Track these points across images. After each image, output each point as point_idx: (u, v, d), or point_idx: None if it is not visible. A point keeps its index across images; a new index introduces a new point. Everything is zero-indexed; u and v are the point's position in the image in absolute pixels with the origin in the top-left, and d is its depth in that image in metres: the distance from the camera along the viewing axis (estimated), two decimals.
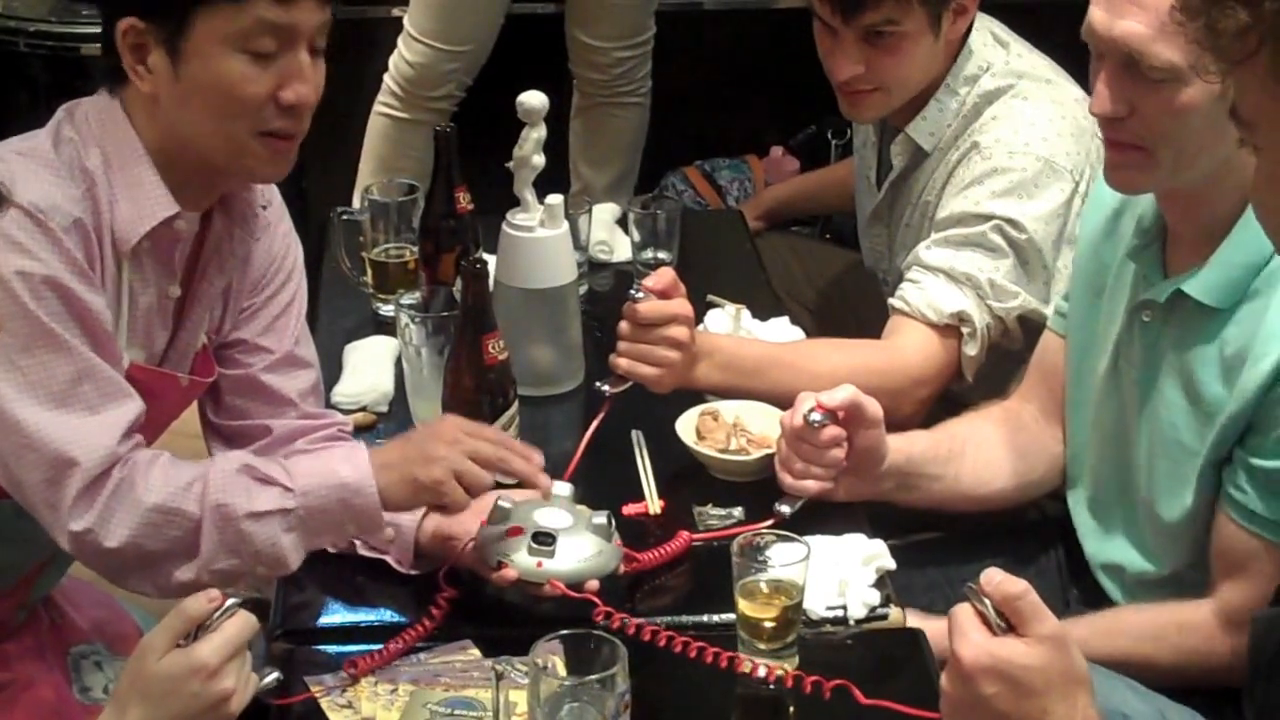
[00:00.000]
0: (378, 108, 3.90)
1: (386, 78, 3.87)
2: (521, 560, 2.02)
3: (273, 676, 1.82)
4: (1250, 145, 1.37)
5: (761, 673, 1.91)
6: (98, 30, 2.04)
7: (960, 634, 1.54)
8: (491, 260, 2.47)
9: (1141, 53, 1.95)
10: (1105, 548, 2.27)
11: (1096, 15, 2.01)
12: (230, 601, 1.70)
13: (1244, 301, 2.01)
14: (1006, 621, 1.53)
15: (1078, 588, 2.37)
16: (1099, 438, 2.26)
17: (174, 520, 1.95)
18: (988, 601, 1.53)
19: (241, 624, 1.71)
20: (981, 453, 2.37)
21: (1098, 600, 2.28)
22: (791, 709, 1.92)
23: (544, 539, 2.02)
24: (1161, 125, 1.98)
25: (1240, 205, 2.00)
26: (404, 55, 3.83)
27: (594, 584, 2.02)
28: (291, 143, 2.02)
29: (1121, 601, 2.25)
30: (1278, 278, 1.98)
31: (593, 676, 1.75)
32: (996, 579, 1.54)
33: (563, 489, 2.11)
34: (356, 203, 3.60)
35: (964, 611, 1.55)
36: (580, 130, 3.98)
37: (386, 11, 4.14)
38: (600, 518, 2.07)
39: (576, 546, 2.03)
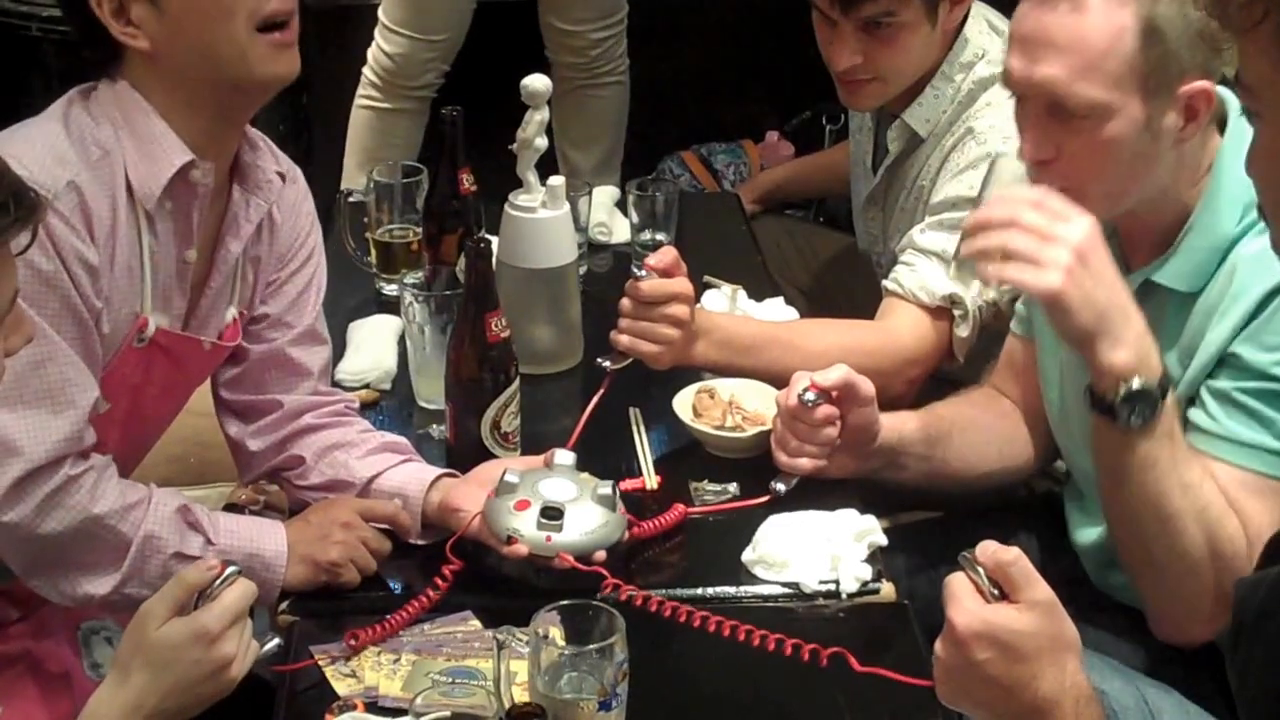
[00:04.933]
0: (359, 101, 3.90)
1: (366, 70, 3.87)
2: (531, 535, 2.05)
3: (274, 643, 1.85)
4: (1252, 114, 1.40)
5: (760, 644, 1.96)
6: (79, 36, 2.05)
7: (954, 601, 1.57)
8: (494, 241, 2.50)
9: (1065, 95, 1.98)
10: (1088, 533, 2.28)
11: (1014, 63, 2.04)
12: (230, 569, 1.73)
13: (1211, 280, 2.03)
14: (1000, 590, 1.56)
15: (1056, 566, 2.39)
16: (1072, 431, 2.28)
17: (107, 538, 2.00)
18: (981, 570, 1.57)
19: (242, 591, 1.74)
20: (967, 436, 2.39)
21: (1075, 580, 2.30)
22: (789, 677, 1.95)
23: (552, 513, 2.05)
24: (1090, 164, 2.01)
25: (1186, 203, 2.04)
26: (382, 47, 3.83)
27: (601, 554, 2.06)
28: (289, 34, 2.02)
29: (1095, 580, 2.28)
30: (1241, 250, 2.00)
31: (592, 646, 1.77)
32: (991, 549, 1.57)
33: (566, 457, 2.14)
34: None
35: (958, 580, 1.58)
36: (562, 114, 3.96)
37: None
38: (605, 488, 2.10)
39: (583, 518, 2.06)
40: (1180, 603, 2.02)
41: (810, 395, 2.22)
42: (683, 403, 2.42)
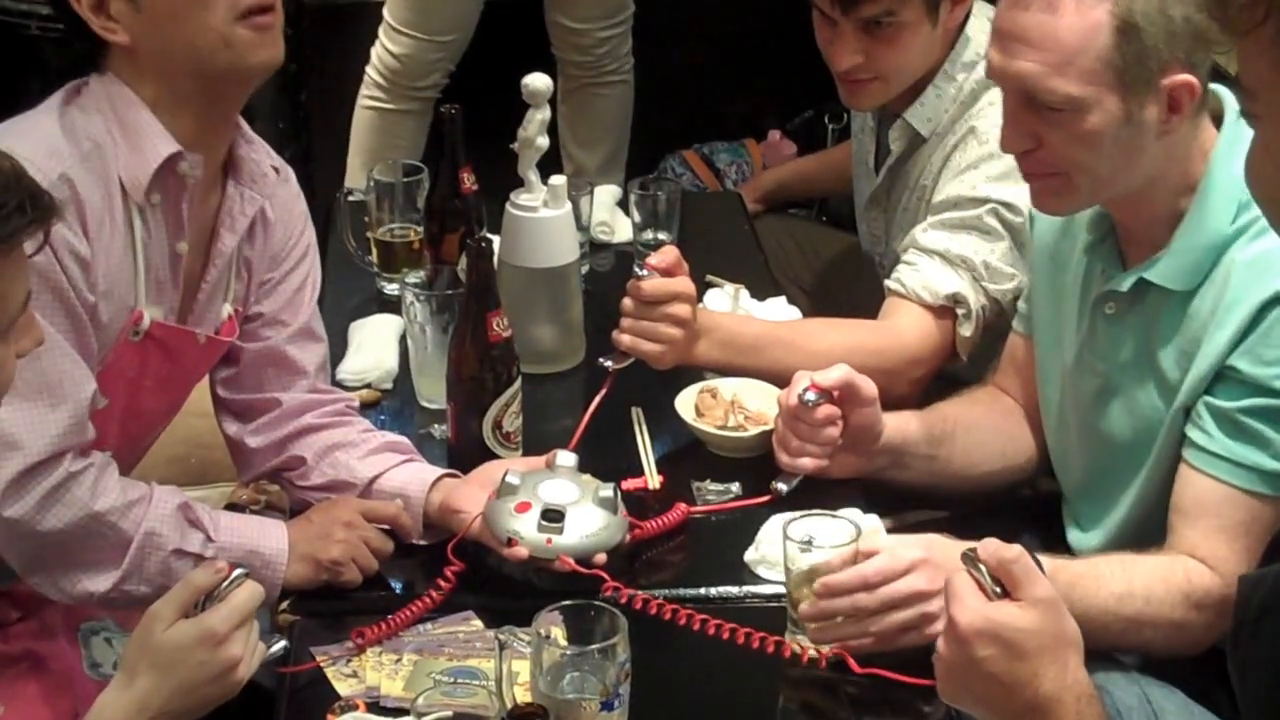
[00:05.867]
0: (363, 101, 3.88)
1: (370, 70, 3.85)
2: (531, 537, 2.05)
3: (280, 645, 1.85)
4: (1251, 114, 1.41)
5: (760, 646, 1.96)
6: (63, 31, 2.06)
7: (956, 599, 1.58)
8: (495, 240, 2.49)
9: (1037, 89, 2.01)
10: (1082, 537, 2.29)
11: (993, 55, 2.07)
12: (237, 572, 1.74)
13: (1206, 281, 2.04)
14: (1002, 587, 1.57)
15: None
16: (1068, 432, 2.29)
17: (108, 534, 2.00)
18: (983, 568, 1.58)
19: (249, 594, 1.74)
20: (971, 435, 2.40)
21: None
22: (788, 679, 1.95)
23: (552, 515, 2.05)
24: (1071, 153, 2.03)
25: (1180, 200, 2.05)
26: (388, 47, 3.81)
27: (601, 556, 2.06)
28: (272, 18, 2.00)
29: None
30: (1234, 249, 2.02)
31: (594, 646, 1.78)
32: (993, 546, 1.58)
33: (567, 459, 2.14)
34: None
35: (961, 578, 1.59)
36: (567, 113, 3.97)
37: None
38: (607, 490, 2.10)
39: (584, 521, 2.06)
40: (1182, 649, 2.04)
41: (811, 395, 2.22)
42: (685, 402, 2.42)
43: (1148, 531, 2.14)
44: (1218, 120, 2.08)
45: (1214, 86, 2.06)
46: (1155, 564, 2.02)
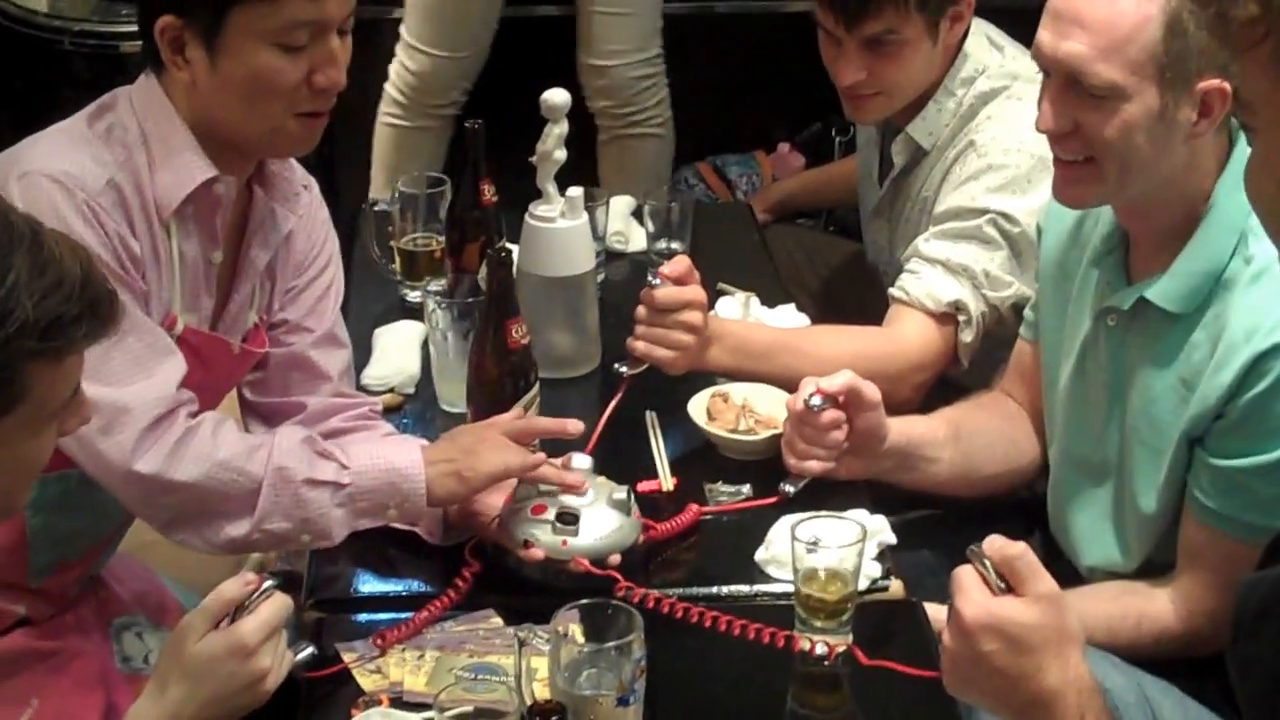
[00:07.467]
0: (383, 118, 3.91)
1: (388, 87, 3.88)
2: (546, 539, 2.08)
3: (307, 652, 1.90)
4: (1249, 129, 1.43)
5: (771, 641, 2.00)
6: (137, 28, 2.12)
7: (962, 593, 1.60)
8: (514, 249, 2.52)
9: (1083, 72, 2.04)
10: (1079, 543, 2.32)
11: (1043, 36, 2.10)
12: (267, 584, 1.79)
13: (1206, 307, 2.07)
14: (1006, 583, 1.60)
15: (1056, 568, 2.43)
16: (1070, 439, 2.32)
17: (238, 479, 2.03)
18: (988, 563, 1.60)
19: (278, 605, 1.79)
20: (975, 438, 2.43)
21: (1075, 583, 2.32)
22: (797, 673, 1.99)
23: (567, 518, 2.08)
24: (1105, 139, 2.06)
25: (1191, 215, 2.09)
26: (406, 65, 3.84)
27: (616, 558, 2.09)
28: (322, 119, 2.10)
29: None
30: (1236, 283, 2.05)
31: (610, 643, 1.81)
32: (998, 543, 1.61)
33: (583, 461, 2.17)
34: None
35: (966, 572, 1.62)
36: (606, 161, 3.99)
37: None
38: (620, 492, 2.13)
39: (598, 523, 2.10)
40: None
41: (816, 400, 2.25)
42: (697, 406, 2.45)
43: (1153, 546, 2.18)
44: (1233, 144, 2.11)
45: None
46: (1130, 597, 2.13)
